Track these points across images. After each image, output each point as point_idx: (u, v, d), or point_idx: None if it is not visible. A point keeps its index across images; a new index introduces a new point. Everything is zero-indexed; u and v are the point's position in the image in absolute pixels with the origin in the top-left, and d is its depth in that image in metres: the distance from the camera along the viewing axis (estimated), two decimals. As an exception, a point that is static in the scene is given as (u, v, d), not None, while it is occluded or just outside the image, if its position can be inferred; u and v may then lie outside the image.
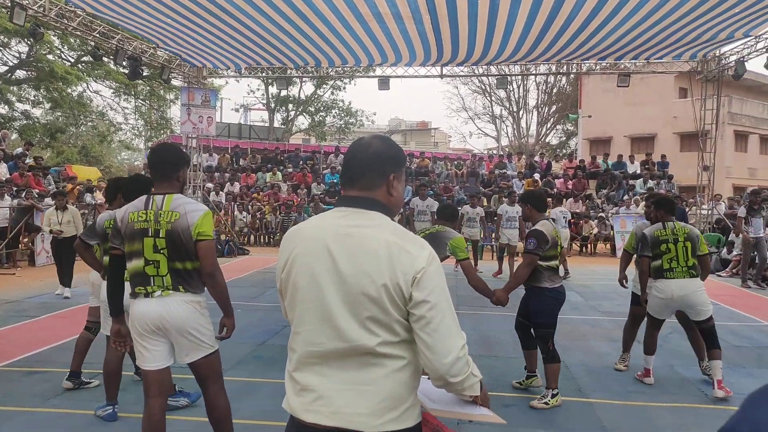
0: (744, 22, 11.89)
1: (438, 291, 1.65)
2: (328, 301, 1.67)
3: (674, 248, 5.27)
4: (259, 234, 18.51)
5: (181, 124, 18.19)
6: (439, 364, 1.63)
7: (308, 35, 12.96)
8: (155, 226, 3.11)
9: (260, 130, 36.77)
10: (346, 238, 1.69)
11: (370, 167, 1.78)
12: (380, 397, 1.64)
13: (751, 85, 33.23)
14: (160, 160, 3.29)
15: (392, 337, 1.65)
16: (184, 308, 3.15)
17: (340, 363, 1.67)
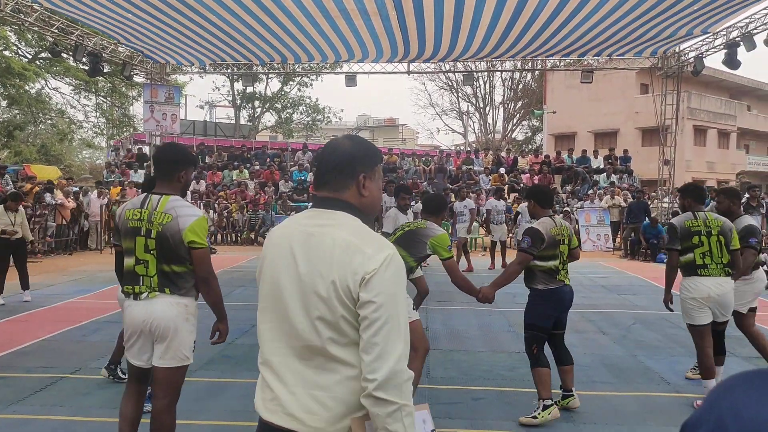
0: (702, 20, 12.19)
1: (387, 295, 1.58)
2: (286, 299, 1.68)
3: (707, 241, 4.65)
4: (226, 233, 18.30)
5: (144, 122, 17.87)
6: (370, 369, 1.54)
7: (274, 31, 12.85)
8: (147, 226, 3.08)
9: (226, 128, 36.36)
10: (308, 238, 1.70)
11: (338, 168, 1.76)
12: (333, 403, 1.61)
13: (709, 81, 34.11)
14: (162, 159, 3.29)
15: (340, 337, 1.61)
16: (170, 309, 3.09)
17: (297, 364, 1.66)
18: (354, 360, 1.61)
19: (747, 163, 38.18)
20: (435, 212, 4.60)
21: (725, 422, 0.70)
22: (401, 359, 1.56)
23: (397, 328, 1.58)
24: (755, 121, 39.92)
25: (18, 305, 8.60)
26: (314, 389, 1.63)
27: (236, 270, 12.22)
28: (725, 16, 12.19)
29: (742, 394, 0.72)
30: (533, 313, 4.48)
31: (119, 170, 20.61)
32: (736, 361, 6.03)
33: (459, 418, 4.47)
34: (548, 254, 4.38)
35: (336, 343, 1.61)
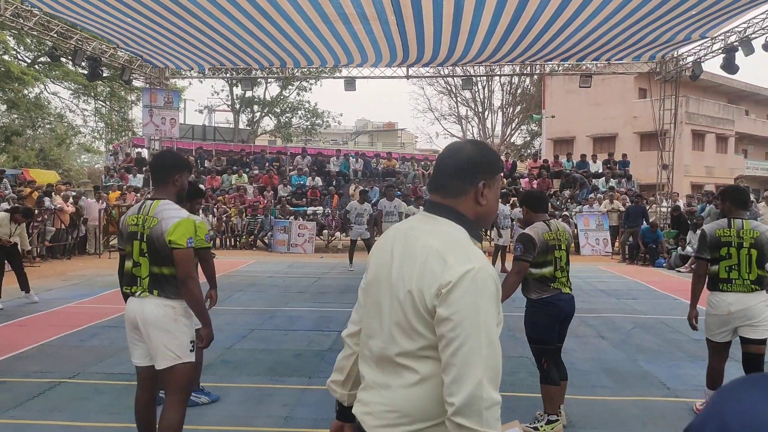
0: (700, 24, 12.22)
1: (466, 313, 1.48)
2: (380, 299, 1.70)
3: (736, 254, 4.28)
4: (225, 237, 18.27)
5: (143, 126, 17.88)
6: (448, 392, 1.47)
7: (273, 36, 12.87)
8: (141, 230, 3.25)
9: (225, 132, 36.38)
10: (405, 241, 1.69)
11: (458, 172, 1.70)
12: (390, 406, 1.60)
13: (708, 86, 34.19)
14: (156, 165, 3.46)
15: (410, 345, 1.58)
16: (157, 310, 3.22)
17: (375, 360, 1.69)
18: (420, 369, 1.57)
19: (745, 167, 38.23)
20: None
21: (729, 425, 0.70)
22: (482, 384, 1.45)
23: (478, 350, 1.47)
24: (753, 125, 40.01)
25: (16, 310, 8.58)
26: (380, 388, 1.65)
27: (235, 274, 12.21)
28: (723, 21, 12.23)
29: (745, 397, 0.72)
30: (533, 325, 4.30)
31: (118, 174, 20.58)
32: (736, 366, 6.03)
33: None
34: (541, 261, 4.21)
35: (408, 353, 1.58)
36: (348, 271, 12.90)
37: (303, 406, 4.77)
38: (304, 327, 7.64)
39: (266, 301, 9.40)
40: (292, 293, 10.20)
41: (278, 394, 5.01)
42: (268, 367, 5.81)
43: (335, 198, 19.49)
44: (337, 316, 8.26)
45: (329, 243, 18.33)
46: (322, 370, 5.74)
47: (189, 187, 4.56)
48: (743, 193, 4.56)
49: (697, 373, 5.70)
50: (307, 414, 4.61)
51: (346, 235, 17.59)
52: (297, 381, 5.37)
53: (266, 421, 4.47)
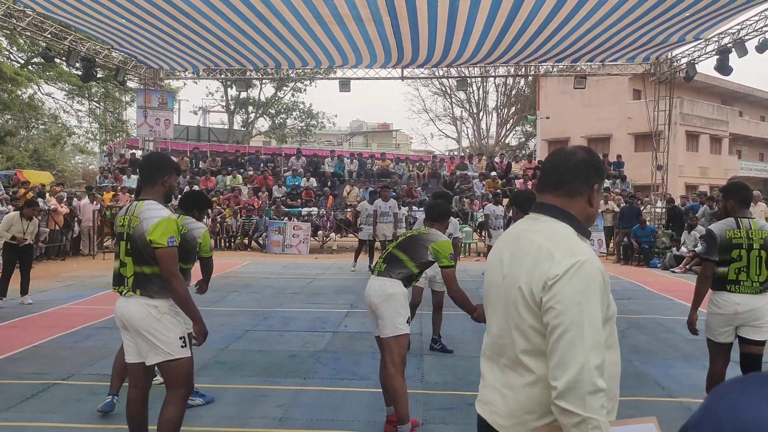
0: (694, 26, 12.27)
1: (570, 302, 1.55)
2: (492, 300, 1.79)
3: (746, 256, 4.11)
4: (219, 238, 18.23)
5: (137, 127, 17.84)
6: (552, 376, 1.54)
7: (267, 36, 12.85)
8: (127, 230, 3.29)
9: (220, 133, 36.33)
10: (515, 242, 1.77)
11: (576, 174, 1.78)
12: (515, 405, 1.66)
13: (702, 87, 34.33)
14: (145, 166, 3.51)
15: (529, 345, 1.64)
16: (140, 311, 3.25)
17: (496, 360, 1.76)
18: (539, 368, 1.63)
19: (739, 168, 38.39)
20: (437, 219, 4.49)
21: (723, 424, 0.70)
22: (585, 369, 1.50)
23: (581, 337, 1.53)
24: (747, 126, 40.20)
25: (10, 311, 8.54)
26: (504, 387, 1.70)
27: (230, 275, 12.18)
28: (717, 23, 12.28)
29: (739, 397, 0.72)
30: None
31: (112, 175, 20.51)
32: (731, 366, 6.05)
33: (454, 424, 4.46)
34: None
35: (526, 351, 1.65)
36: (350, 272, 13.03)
37: (298, 407, 4.76)
38: (299, 328, 7.63)
39: (261, 302, 9.39)
40: (287, 294, 10.18)
41: (273, 395, 5.00)
42: (262, 368, 5.79)
43: (330, 199, 19.48)
44: (331, 317, 8.25)
45: (324, 244, 18.32)
46: (317, 371, 5.74)
47: (199, 198, 4.93)
48: (748, 190, 4.38)
49: (691, 372, 5.72)
50: (302, 415, 4.60)
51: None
52: (292, 382, 5.36)
53: (261, 422, 4.46)
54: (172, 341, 3.27)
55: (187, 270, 4.60)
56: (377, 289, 4.07)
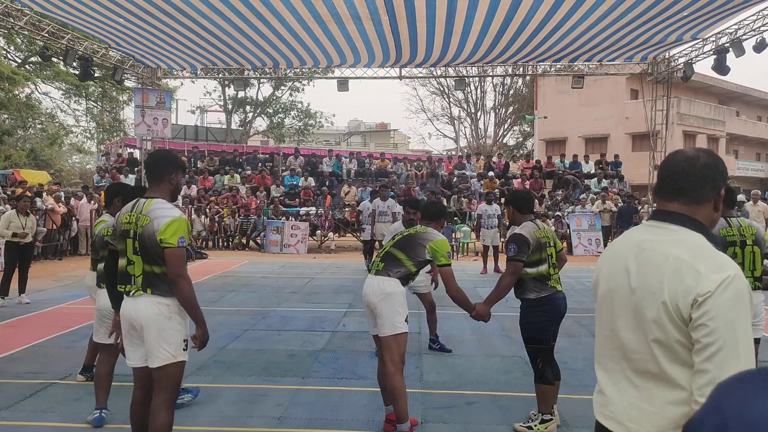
0: (692, 25, 12.27)
1: (724, 319, 1.49)
2: (616, 313, 1.73)
3: (741, 253, 4.25)
4: (217, 237, 18.23)
5: (135, 126, 17.80)
6: (700, 394, 1.49)
7: (266, 36, 12.83)
8: (134, 228, 3.22)
9: (217, 132, 36.27)
10: (641, 253, 1.70)
11: (703, 181, 1.70)
12: (658, 420, 1.62)
13: (699, 87, 34.39)
14: (152, 163, 3.44)
15: (674, 359, 1.59)
16: (151, 309, 3.18)
17: (629, 375, 1.70)
18: (686, 382, 1.58)
19: (736, 168, 38.44)
20: (434, 218, 4.50)
21: (728, 422, 0.70)
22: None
23: (735, 355, 1.48)
24: (744, 126, 40.27)
25: (8, 310, 8.52)
26: (642, 402, 1.65)
27: (228, 275, 12.17)
28: (714, 22, 12.29)
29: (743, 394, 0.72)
30: (530, 326, 4.22)
31: (110, 175, 20.48)
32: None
33: (453, 423, 4.46)
34: (535, 259, 4.17)
35: (669, 364, 1.60)
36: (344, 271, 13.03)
37: (297, 406, 4.76)
38: (298, 327, 7.63)
39: (259, 302, 9.38)
40: (285, 293, 10.18)
41: (272, 394, 5.00)
42: (261, 368, 5.79)
43: (328, 198, 19.47)
44: (330, 316, 8.25)
45: (322, 243, 18.32)
46: (316, 370, 5.74)
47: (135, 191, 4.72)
48: (732, 191, 4.62)
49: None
50: (301, 414, 4.60)
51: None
52: (290, 381, 5.36)
53: (260, 421, 4.46)
54: (178, 343, 3.21)
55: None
56: (375, 288, 4.07)
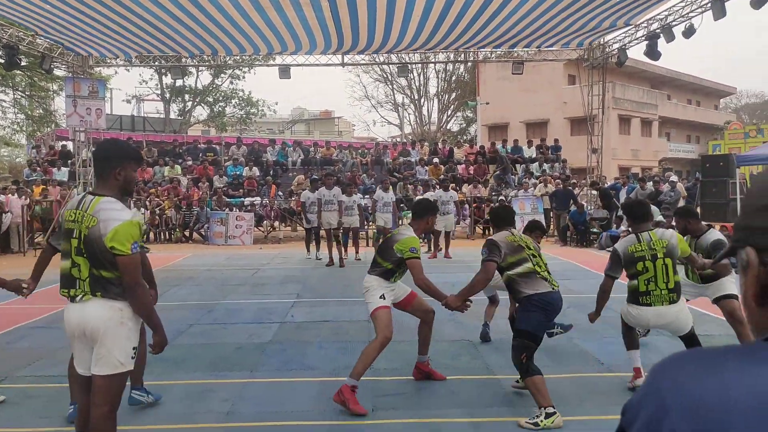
0: (625, 12, 12.66)
1: None
2: None
3: (652, 267, 4.52)
4: (159, 230, 17.74)
5: (66, 117, 17.08)
6: None
7: (203, 23, 12.49)
8: (79, 227, 2.94)
9: (156, 122, 35.18)
10: None
11: None
12: None
13: (632, 72, 35.53)
14: (96, 156, 3.15)
15: None
16: (102, 313, 2.94)
17: None
18: None
19: (668, 150, 40.07)
20: (416, 216, 4.89)
21: (666, 401, 0.71)
22: None
23: None
24: (675, 109, 41.92)
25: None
26: None
27: (171, 269, 11.87)
28: (646, 8, 12.70)
29: (679, 373, 0.73)
30: (529, 320, 4.27)
31: (41, 168, 19.62)
32: (664, 340, 6.33)
33: (404, 409, 4.50)
34: (516, 260, 4.33)
35: None
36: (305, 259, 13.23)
37: (245, 400, 4.69)
38: (244, 320, 7.52)
39: (204, 295, 9.20)
40: (231, 286, 10.01)
41: (219, 389, 4.92)
42: (208, 362, 5.68)
43: (273, 188, 19.22)
44: (277, 307, 8.17)
45: (268, 234, 18.09)
46: (264, 363, 5.68)
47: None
48: (642, 206, 4.93)
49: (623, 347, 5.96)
50: (250, 408, 4.54)
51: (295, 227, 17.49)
52: (238, 375, 5.28)
53: (208, 417, 4.38)
54: (128, 350, 2.99)
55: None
56: (364, 283, 4.79)
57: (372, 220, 15.27)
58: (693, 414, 0.68)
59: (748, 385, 0.67)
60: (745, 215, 0.80)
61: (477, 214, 18.20)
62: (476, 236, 18.11)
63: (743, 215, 0.81)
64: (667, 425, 0.69)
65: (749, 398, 0.65)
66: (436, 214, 5.07)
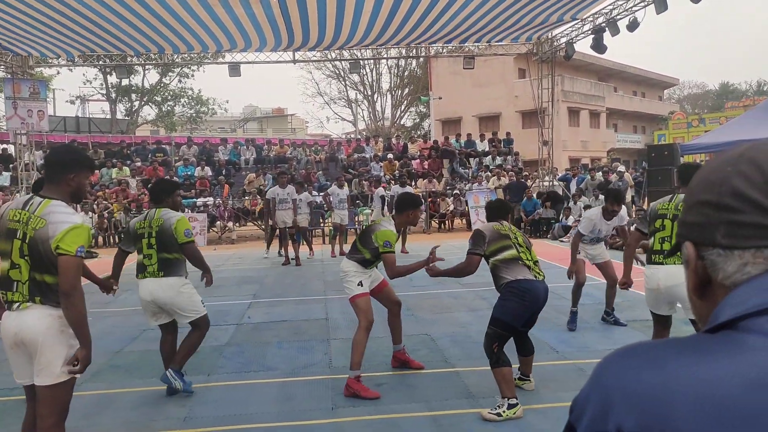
0: (571, 6, 12.93)
1: None
2: None
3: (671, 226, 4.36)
4: (108, 234, 17.25)
5: (6, 120, 16.43)
6: None
7: (148, 21, 12.18)
8: (24, 229, 2.86)
9: (101, 123, 34.22)
10: None
11: None
12: None
13: (580, 65, 36.35)
14: (49, 161, 3.06)
15: None
16: (41, 321, 2.84)
17: None
18: None
19: (616, 140, 41.18)
20: (398, 209, 4.98)
21: (611, 395, 0.72)
22: None
23: None
24: (621, 101, 43.11)
25: None
26: None
27: (122, 274, 11.54)
28: (591, 3, 13.00)
29: (625, 367, 0.74)
30: (504, 308, 4.21)
31: (-19, 173, 18.82)
32: (627, 331, 6.50)
33: (362, 406, 4.49)
34: (498, 247, 4.35)
35: None
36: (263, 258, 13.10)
37: (202, 405, 4.61)
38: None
39: (158, 299, 8.98)
40: (186, 289, 9.80)
41: (176, 395, 4.81)
42: (162, 368, 5.54)
43: (226, 188, 18.92)
44: (233, 309, 8.05)
45: (222, 234, 17.81)
46: (221, 366, 5.59)
47: (160, 185, 5.12)
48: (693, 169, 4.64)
49: (582, 336, 6.11)
50: (207, 412, 4.46)
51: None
52: (195, 379, 5.17)
53: (165, 423, 4.28)
54: (70, 359, 2.88)
55: (175, 260, 4.76)
56: (340, 267, 5.03)
57: (327, 217, 15.24)
58: (636, 407, 0.69)
59: (689, 376, 0.68)
60: (684, 210, 0.82)
61: (432, 208, 18.35)
62: (432, 230, 18.26)
63: (683, 210, 0.83)
64: (612, 419, 0.70)
65: (690, 389, 0.67)
66: (419, 208, 5.16)
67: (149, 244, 4.76)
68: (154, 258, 4.72)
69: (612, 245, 13.29)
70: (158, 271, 4.70)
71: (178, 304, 4.73)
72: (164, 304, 4.72)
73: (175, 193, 5.11)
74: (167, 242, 4.71)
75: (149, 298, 4.70)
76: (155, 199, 4.98)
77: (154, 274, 4.71)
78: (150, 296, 4.69)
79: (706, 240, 0.77)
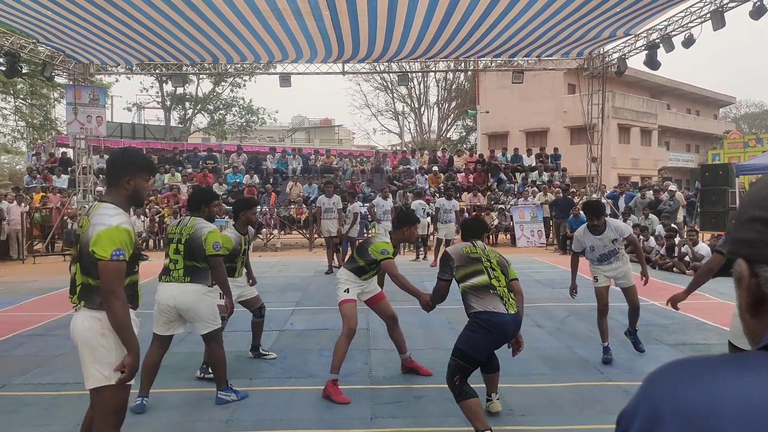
0: (624, 22, 12.71)
1: None
2: None
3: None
4: (159, 238, 17.74)
5: (67, 125, 17.10)
6: None
7: (204, 31, 12.54)
8: (79, 232, 2.95)
9: (156, 130, 35.29)
10: None
11: None
12: None
13: (632, 81, 35.67)
14: (108, 164, 3.09)
15: None
16: (84, 323, 2.87)
17: None
18: None
19: (668, 159, 40.13)
20: (395, 226, 5.23)
21: (660, 409, 0.72)
22: None
23: None
24: (674, 119, 42.03)
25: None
26: None
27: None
28: (645, 19, 12.76)
29: (674, 381, 0.74)
30: (470, 340, 3.99)
31: (41, 176, 19.64)
32: (664, 349, 6.32)
33: (402, 417, 4.48)
34: (469, 272, 4.16)
35: None
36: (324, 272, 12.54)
37: (244, 408, 4.68)
38: (244, 328, 7.47)
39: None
40: (231, 294, 9.98)
41: (218, 397, 4.90)
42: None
43: (273, 196, 19.23)
44: (277, 315, 8.16)
45: (268, 242, 18.09)
46: (264, 371, 5.66)
47: (199, 194, 5.11)
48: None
49: (627, 357, 5.96)
50: (249, 416, 4.53)
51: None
52: (238, 383, 5.26)
53: (207, 425, 4.37)
54: (113, 363, 2.84)
55: (203, 268, 4.70)
56: (336, 277, 5.26)
57: (371, 228, 15.28)
58: (686, 421, 0.69)
59: (738, 392, 0.67)
60: (735, 227, 0.82)
61: (477, 222, 18.24)
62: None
63: (734, 227, 0.82)
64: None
65: (739, 405, 0.66)
66: (415, 225, 5.19)
67: (176, 250, 4.72)
68: (180, 263, 4.68)
69: (661, 266, 12.94)
70: (184, 276, 4.65)
71: (200, 311, 4.63)
72: (186, 311, 4.62)
73: (213, 203, 5.05)
74: (195, 251, 4.67)
75: (171, 303, 4.60)
76: (192, 207, 4.97)
77: (179, 279, 4.65)
78: (173, 301, 4.59)
79: (760, 257, 0.76)
